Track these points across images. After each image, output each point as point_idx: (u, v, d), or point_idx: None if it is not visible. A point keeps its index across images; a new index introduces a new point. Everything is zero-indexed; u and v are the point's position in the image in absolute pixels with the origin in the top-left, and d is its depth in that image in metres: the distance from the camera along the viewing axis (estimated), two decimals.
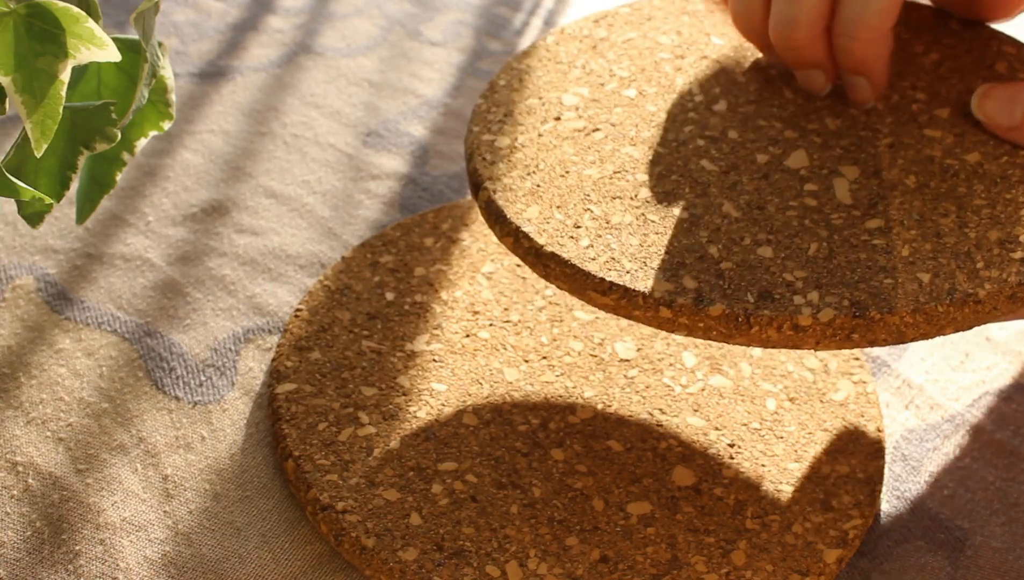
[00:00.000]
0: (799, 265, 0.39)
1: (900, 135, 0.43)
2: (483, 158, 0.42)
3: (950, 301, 0.38)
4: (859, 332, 0.37)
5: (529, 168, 0.42)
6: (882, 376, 0.48)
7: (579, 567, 0.40)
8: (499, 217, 0.40)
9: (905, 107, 0.44)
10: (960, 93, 0.44)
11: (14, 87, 0.36)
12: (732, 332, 0.38)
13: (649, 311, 0.38)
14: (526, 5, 0.65)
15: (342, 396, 0.45)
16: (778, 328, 0.37)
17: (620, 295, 0.38)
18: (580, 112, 0.44)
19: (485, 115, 0.44)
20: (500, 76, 0.45)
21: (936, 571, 0.42)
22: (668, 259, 0.39)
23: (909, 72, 0.45)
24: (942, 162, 0.42)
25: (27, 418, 0.45)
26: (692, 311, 0.38)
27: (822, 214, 0.40)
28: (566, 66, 0.45)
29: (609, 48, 0.46)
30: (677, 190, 0.41)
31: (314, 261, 0.51)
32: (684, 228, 0.40)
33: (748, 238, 0.40)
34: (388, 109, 0.59)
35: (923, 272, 0.38)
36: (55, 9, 0.36)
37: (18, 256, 0.51)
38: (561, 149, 0.42)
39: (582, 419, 0.45)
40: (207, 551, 0.42)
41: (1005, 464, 0.45)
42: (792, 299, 0.38)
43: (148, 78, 0.40)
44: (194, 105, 0.58)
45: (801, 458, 0.44)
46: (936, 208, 0.40)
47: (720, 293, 0.38)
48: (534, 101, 0.44)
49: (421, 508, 0.42)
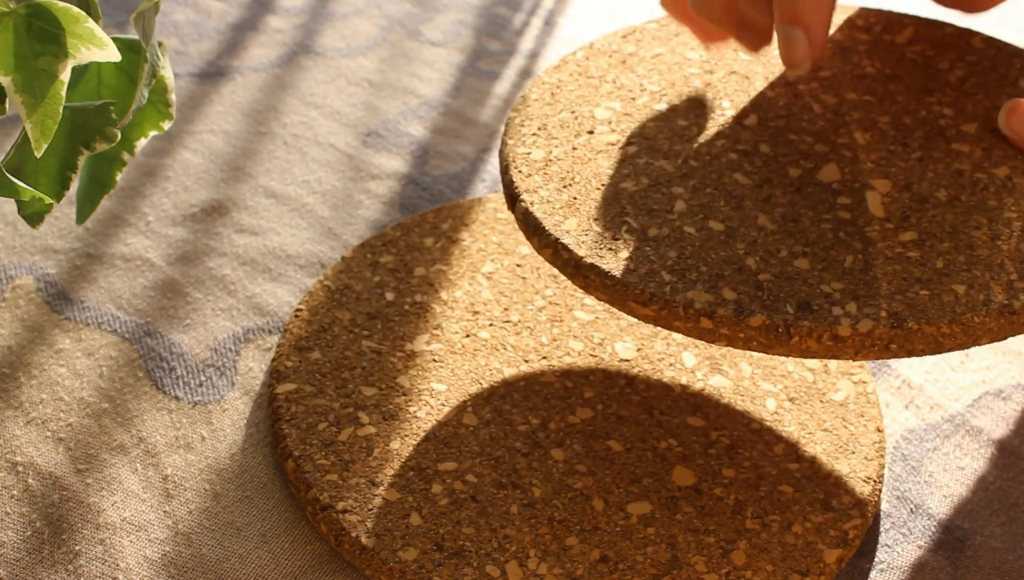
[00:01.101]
0: (836, 277, 0.39)
1: (929, 149, 0.43)
2: (519, 170, 0.42)
3: (986, 312, 0.38)
4: (897, 342, 0.38)
5: (565, 180, 0.42)
6: (882, 376, 0.48)
7: (579, 567, 0.40)
8: (537, 229, 0.41)
9: (932, 122, 0.44)
10: (986, 109, 0.44)
11: (14, 87, 0.36)
12: (772, 342, 0.38)
13: (690, 322, 0.38)
14: (526, 5, 0.65)
15: (342, 396, 0.45)
16: (818, 338, 0.38)
17: (661, 306, 0.39)
18: (613, 126, 0.44)
19: (519, 128, 0.44)
20: (532, 89, 0.46)
21: (936, 571, 0.42)
22: (707, 271, 0.39)
23: (935, 88, 0.45)
24: (972, 176, 0.42)
25: (27, 418, 0.45)
26: (733, 322, 0.38)
27: (856, 227, 0.41)
28: (597, 80, 0.46)
29: (639, 63, 0.46)
30: (712, 203, 0.41)
31: (314, 261, 0.51)
32: (721, 240, 0.40)
33: (784, 250, 0.40)
34: (388, 109, 0.59)
35: (958, 284, 0.39)
36: (55, 9, 0.36)
37: (18, 256, 0.51)
38: (596, 162, 0.43)
39: (582, 419, 0.45)
40: (207, 551, 0.42)
41: (1005, 464, 0.45)
42: (831, 310, 0.38)
43: (148, 78, 0.40)
44: (194, 105, 0.58)
45: (801, 458, 0.44)
46: (968, 221, 0.41)
47: (760, 304, 0.38)
48: (567, 115, 0.44)
49: (421, 508, 0.42)
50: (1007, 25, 0.65)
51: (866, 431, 0.45)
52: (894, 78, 0.46)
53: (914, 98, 0.45)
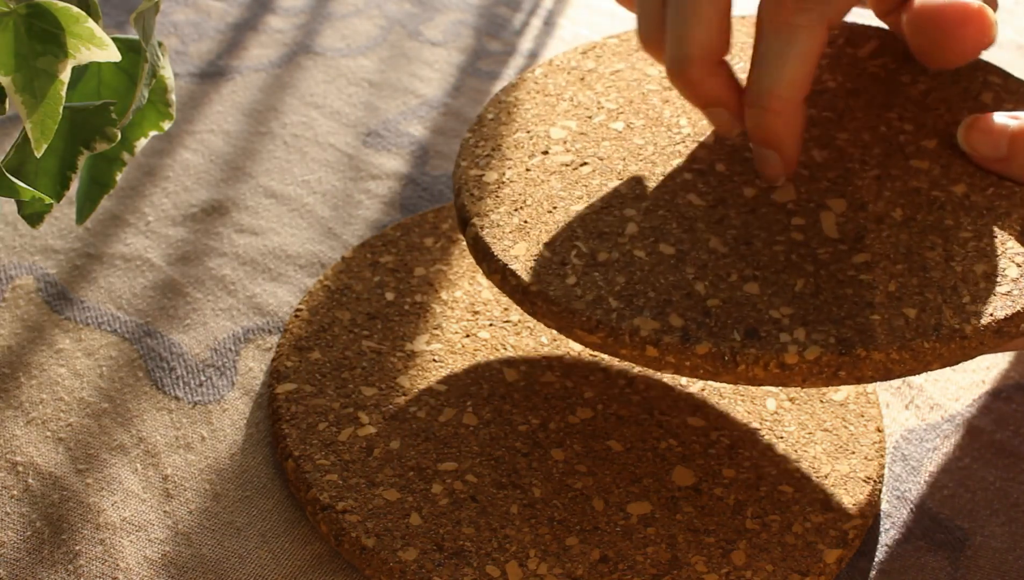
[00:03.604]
0: (785, 301, 0.38)
1: (887, 166, 0.42)
2: (471, 194, 0.42)
3: (936, 337, 0.37)
4: (845, 369, 0.37)
5: (516, 204, 0.42)
6: None
7: (579, 567, 0.40)
8: (486, 254, 0.40)
9: (892, 138, 0.43)
10: (947, 124, 0.43)
11: (14, 87, 0.36)
12: (719, 370, 0.38)
13: (636, 350, 0.38)
14: (526, 5, 0.65)
15: (342, 396, 0.45)
16: (764, 366, 0.37)
17: (607, 334, 0.38)
18: (568, 146, 0.43)
19: (473, 149, 0.44)
20: (488, 109, 0.45)
21: (936, 571, 0.42)
22: (655, 297, 0.39)
23: (896, 103, 0.44)
24: (929, 194, 0.41)
25: (27, 418, 0.45)
26: (679, 350, 0.38)
27: (808, 249, 0.40)
28: (554, 99, 0.45)
29: (597, 80, 0.46)
30: (664, 226, 0.41)
31: (314, 261, 0.51)
32: (671, 265, 0.40)
33: (735, 274, 0.39)
34: (388, 109, 0.59)
35: (909, 307, 0.38)
36: (55, 9, 0.36)
37: (18, 256, 0.51)
38: (548, 184, 0.42)
39: (582, 419, 0.45)
40: (207, 551, 0.42)
41: (1005, 464, 0.45)
42: (779, 337, 0.38)
43: (148, 78, 0.40)
44: (194, 105, 0.58)
45: (801, 458, 0.44)
46: (923, 241, 0.40)
47: (707, 331, 0.38)
48: (522, 135, 0.44)
49: (421, 508, 0.42)
50: (1007, 25, 0.65)
51: (866, 431, 0.45)
52: (854, 93, 0.45)
53: (874, 113, 0.44)
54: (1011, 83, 0.45)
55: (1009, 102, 0.44)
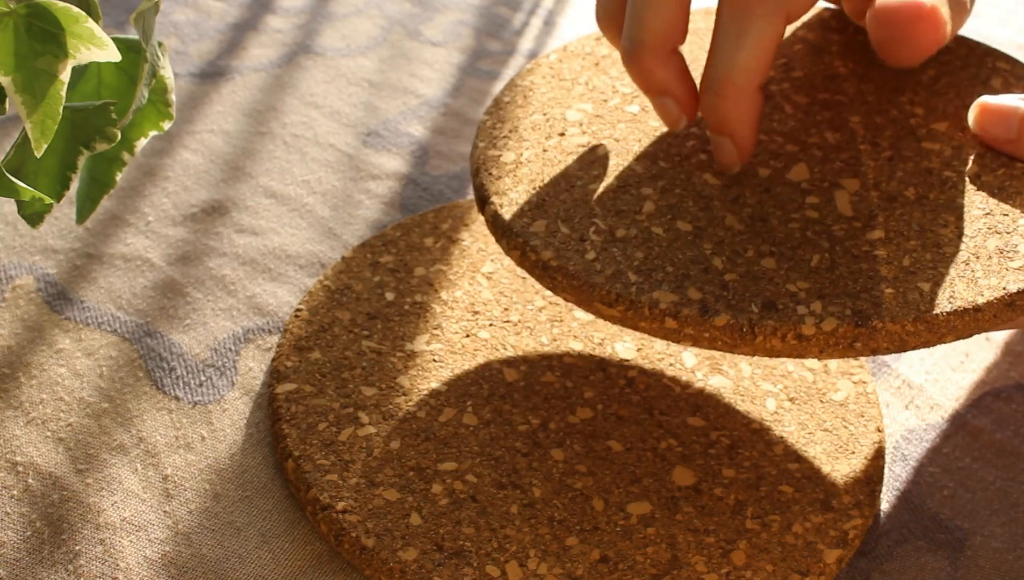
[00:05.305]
0: (802, 276, 0.39)
1: (899, 148, 0.43)
2: (489, 173, 0.43)
3: (950, 309, 0.38)
4: (861, 341, 0.38)
5: (535, 183, 0.42)
6: (882, 376, 0.48)
7: (579, 567, 0.40)
8: (506, 230, 0.41)
9: (903, 121, 0.44)
10: (957, 108, 0.44)
11: (14, 87, 0.36)
12: (737, 342, 0.38)
13: (655, 322, 0.39)
14: (526, 5, 0.65)
15: (342, 396, 0.45)
16: (782, 338, 0.38)
17: (626, 307, 0.39)
18: (584, 128, 0.44)
19: (491, 131, 0.44)
20: (504, 93, 0.46)
21: (936, 571, 0.42)
22: (673, 271, 0.39)
23: (907, 87, 0.45)
24: (941, 174, 0.42)
25: (27, 418, 0.45)
26: (697, 321, 0.38)
27: (823, 226, 0.41)
28: (569, 83, 0.46)
29: (612, 65, 0.47)
30: (680, 204, 0.41)
31: (314, 261, 0.51)
32: (688, 241, 0.40)
33: (751, 250, 0.40)
34: (388, 109, 0.59)
35: (923, 281, 0.39)
36: (55, 9, 0.36)
37: (18, 256, 0.51)
38: (566, 164, 0.43)
39: (582, 419, 0.45)
40: (207, 551, 0.42)
41: (1005, 464, 0.45)
42: (795, 309, 0.38)
43: (148, 78, 0.40)
44: (194, 105, 0.58)
45: (801, 458, 0.44)
46: (936, 219, 0.41)
47: (725, 304, 0.38)
48: (538, 117, 0.45)
49: (421, 508, 0.42)
50: (1007, 25, 0.65)
51: (866, 431, 0.45)
52: (866, 78, 0.46)
53: (885, 98, 0.45)
54: (1019, 69, 0.46)
55: (1018, 87, 0.45)
